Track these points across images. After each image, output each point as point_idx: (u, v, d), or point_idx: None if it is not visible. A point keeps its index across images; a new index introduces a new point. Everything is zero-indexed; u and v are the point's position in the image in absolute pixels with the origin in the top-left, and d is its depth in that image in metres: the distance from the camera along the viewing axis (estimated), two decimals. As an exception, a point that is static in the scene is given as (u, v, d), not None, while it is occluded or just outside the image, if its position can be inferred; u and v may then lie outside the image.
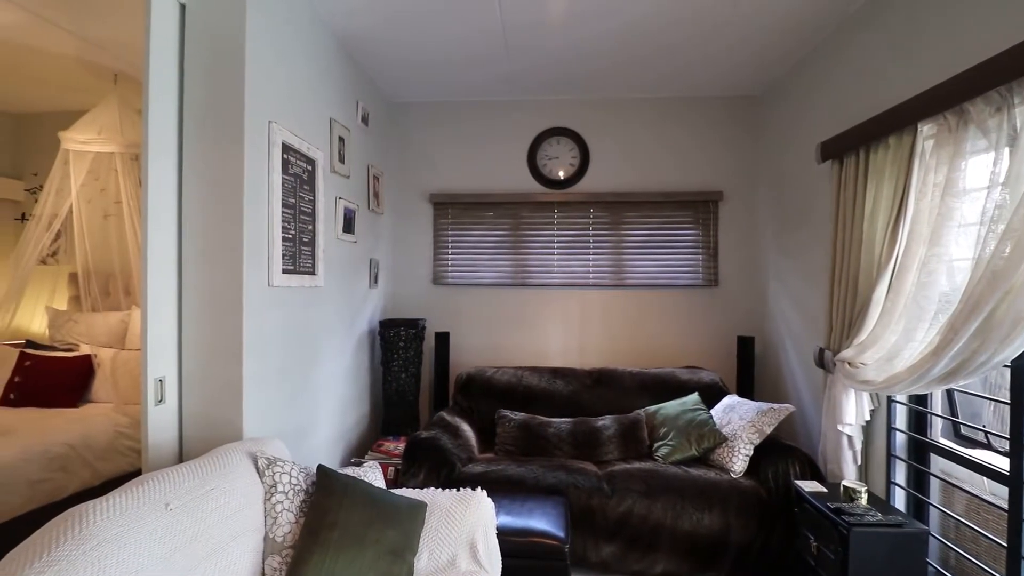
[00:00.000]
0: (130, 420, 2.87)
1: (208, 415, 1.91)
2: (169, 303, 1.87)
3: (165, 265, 1.86)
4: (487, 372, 3.19)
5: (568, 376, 3.16)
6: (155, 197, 1.81)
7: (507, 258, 3.62)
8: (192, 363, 1.91)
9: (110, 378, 3.11)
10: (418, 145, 3.69)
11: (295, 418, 2.30)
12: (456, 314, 3.64)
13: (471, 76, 3.25)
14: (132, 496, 1.20)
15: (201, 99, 1.92)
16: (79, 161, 3.24)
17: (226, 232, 1.90)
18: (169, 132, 1.87)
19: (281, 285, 2.13)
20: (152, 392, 1.79)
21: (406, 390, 3.25)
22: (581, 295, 3.57)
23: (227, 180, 1.90)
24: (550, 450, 2.75)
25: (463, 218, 3.65)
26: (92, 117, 3.24)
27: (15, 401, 2.97)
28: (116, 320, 3.49)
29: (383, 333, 3.22)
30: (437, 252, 3.68)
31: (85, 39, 2.84)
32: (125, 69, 3.25)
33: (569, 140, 3.59)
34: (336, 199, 2.73)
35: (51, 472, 2.38)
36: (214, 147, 1.91)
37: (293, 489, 1.56)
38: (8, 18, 2.61)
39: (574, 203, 3.57)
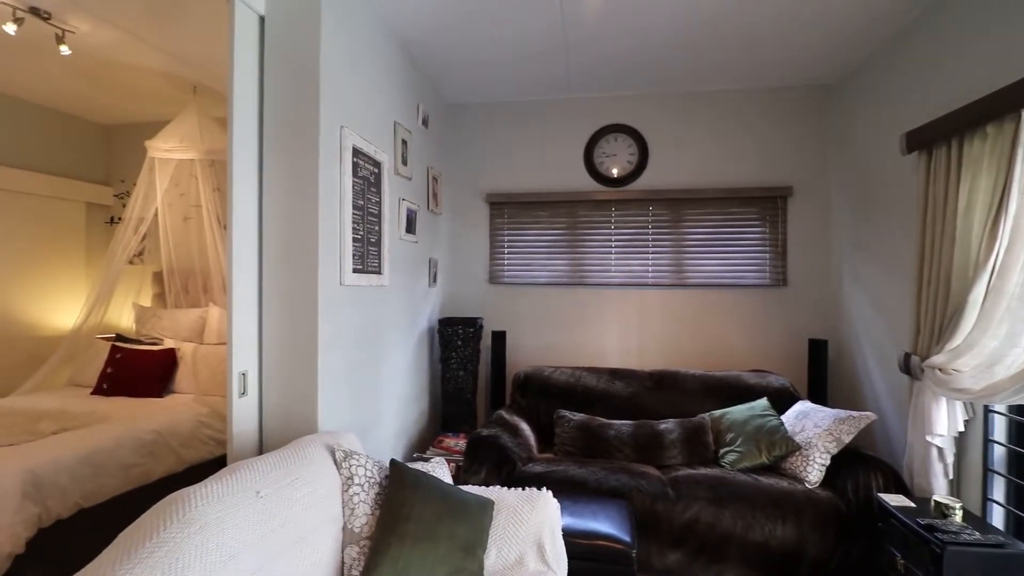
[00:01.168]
0: (210, 410, 3.04)
1: (285, 407, 2.00)
2: (251, 302, 1.98)
3: (247, 266, 1.96)
4: (544, 372, 3.18)
5: (627, 377, 3.10)
6: (239, 202, 1.91)
7: (563, 257, 3.60)
8: (271, 358, 2.01)
9: (191, 370, 3.32)
10: (475, 146, 3.73)
11: (362, 413, 2.38)
12: (512, 313, 3.65)
13: (529, 75, 3.25)
14: (226, 483, 1.27)
15: (279, 107, 2.01)
16: (163, 167, 3.47)
17: (302, 234, 1.98)
18: (250, 140, 1.97)
19: (351, 284, 2.21)
20: (236, 385, 1.89)
21: (463, 388, 3.29)
22: (640, 295, 3.50)
23: (303, 184, 1.98)
24: (610, 452, 2.71)
25: (519, 217, 3.66)
26: (174, 126, 3.47)
27: (108, 390, 3.22)
28: (195, 316, 3.72)
29: (442, 331, 3.27)
30: (493, 251, 3.70)
31: (170, 54, 3.04)
32: (203, 80, 3.45)
33: (627, 137, 3.53)
34: (399, 200, 2.80)
35: (141, 457, 2.56)
36: (291, 153, 1.99)
37: (368, 482, 1.61)
38: (106, 37, 2.83)
39: (632, 201, 3.50)
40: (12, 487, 2.03)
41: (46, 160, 3.94)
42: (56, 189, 3.95)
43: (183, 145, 3.40)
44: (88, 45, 2.88)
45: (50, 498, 2.14)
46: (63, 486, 2.20)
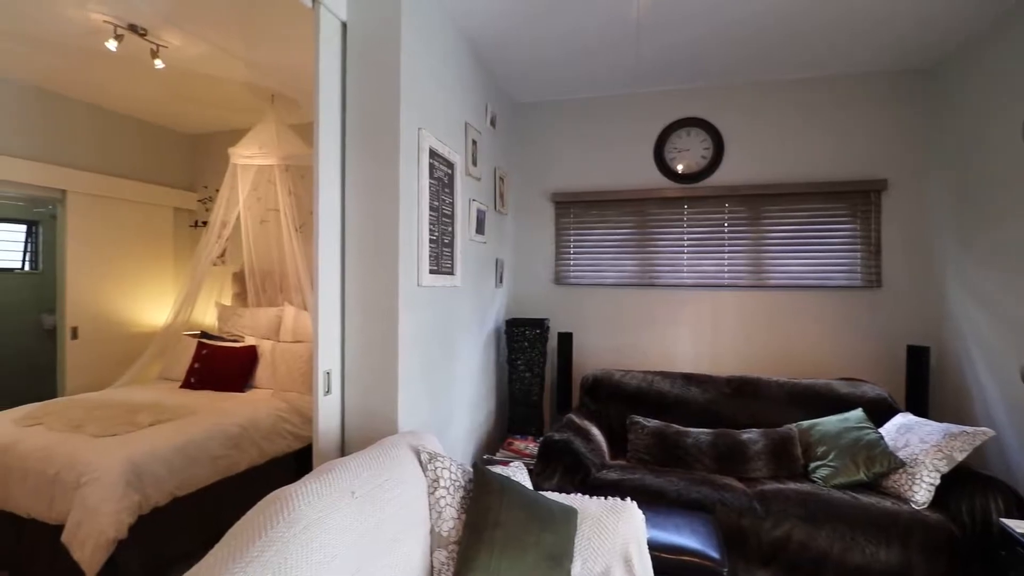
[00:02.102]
0: (288, 406, 3.16)
1: (366, 406, 2.03)
2: (334, 302, 2.01)
3: (331, 267, 2.00)
4: (615, 375, 3.09)
5: (704, 383, 2.96)
6: (324, 206, 1.95)
7: (632, 257, 3.48)
8: (353, 358, 2.04)
9: (270, 366, 3.46)
10: (540, 145, 3.68)
11: (437, 413, 2.38)
12: (578, 314, 3.58)
13: (597, 70, 3.17)
14: (323, 483, 1.28)
15: (361, 111, 2.04)
16: (244, 173, 3.64)
17: (383, 235, 2.00)
18: (334, 144, 2.01)
19: (428, 285, 2.21)
20: (321, 384, 1.93)
21: (530, 390, 3.25)
22: (714, 296, 3.34)
23: (384, 186, 2.00)
24: (688, 462, 2.59)
25: (585, 217, 3.58)
26: (254, 134, 3.62)
27: (195, 384, 3.41)
28: (272, 315, 3.88)
29: (509, 332, 3.25)
30: (559, 251, 3.64)
31: (251, 64, 3.17)
32: (281, 89, 3.59)
33: (701, 131, 3.37)
34: (470, 201, 2.79)
35: (228, 449, 2.68)
36: (372, 155, 2.02)
37: (453, 485, 1.59)
38: (195, 50, 2.99)
39: (707, 198, 3.34)
40: (116, 476, 2.16)
41: (138, 168, 4.23)
42: (148, 195, 4.23)
43: (262, 151, 3.55)
44: (178, 59, 3.05)
45: (149, 486, 2.27)
46: (160, 475, 2.33)
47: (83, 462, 2.19)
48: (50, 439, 2.38)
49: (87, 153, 3.84)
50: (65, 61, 3.15)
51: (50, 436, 2.42)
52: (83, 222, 3.78)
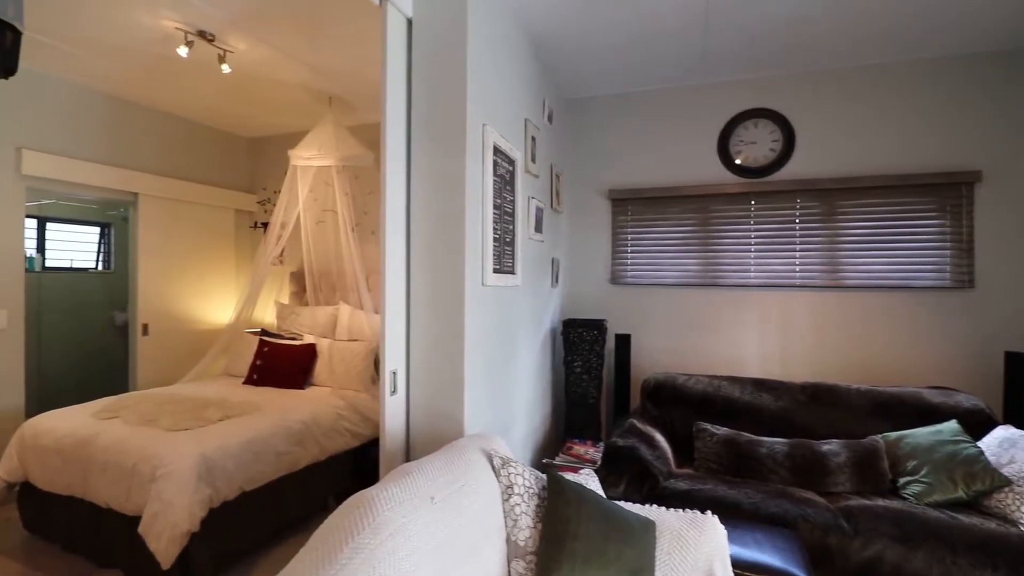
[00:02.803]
0: (346, 403, 3.19)
1: (431, 406, 2.00)
2: (400, 302, 1.99)
3: (397, 267, 1.98)
4: (678, 379, 2.96)
5: (776, 389, 2.80)
6: (391, 205, 1.93)
7: (694, 256, 3.34)
8: (418, 358, 2.02)
9: (328, 364, 3.51)
10: (596, 140, 3.58)
11: (499, 414, 2.33)
12: (636, 315, 3.47)
13: (659, 61, 3.05)
14: (403, 487, 1.24)
15: (427, 107, 2.01)
16: (304, 175, 3.71)
17: (449, 234, 1.96)
18: (400, 142, 1.99)
19: (492, 285, 2.16)
20: (388, 384, 1.91)
21: (587, 392, 3.16)
22: (784, 297, 3.15)
23: (450, 184, 1.96)
24: (762, 473, 2.44)
25: (644, 214, 3.46)
26: (312, 136, 3.69)
27: (257, 381, 3.49)
28: (328, 314, 3.94)
29: (565, 333, 3.17)
30: (615, 250, 3.53)
31: (311, 67, 3.22)
32: (338, 92, 3.64)
33: (769, 122, 3.20)
34: (529, 199, 2.74)
35: (291, 446, 2.72)
36: (438, 153, 1.98)
37: (528, 492, 1.53)
38: (259, 54, 3.05)
39: (776, 192, 3.17)
40: (189, 469, 2.21)
41: (202, 172, 4.39)
42: (211, 198, 4.38)
43: (321, 153, 3.60)
44: (243, 63, 3.12)
45: (219, 480, 2.32)
46: (229, 470, 2.38)
47: (158, 455, 2.25)
48: (126, 432, 2.47)
49: (156, 157, 4.01)
50: (137, 69, 3.28)
51: (126, 429, 2.51)
52: (152, 224, 3.94)
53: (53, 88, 3.37)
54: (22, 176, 3.20)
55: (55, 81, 3.38)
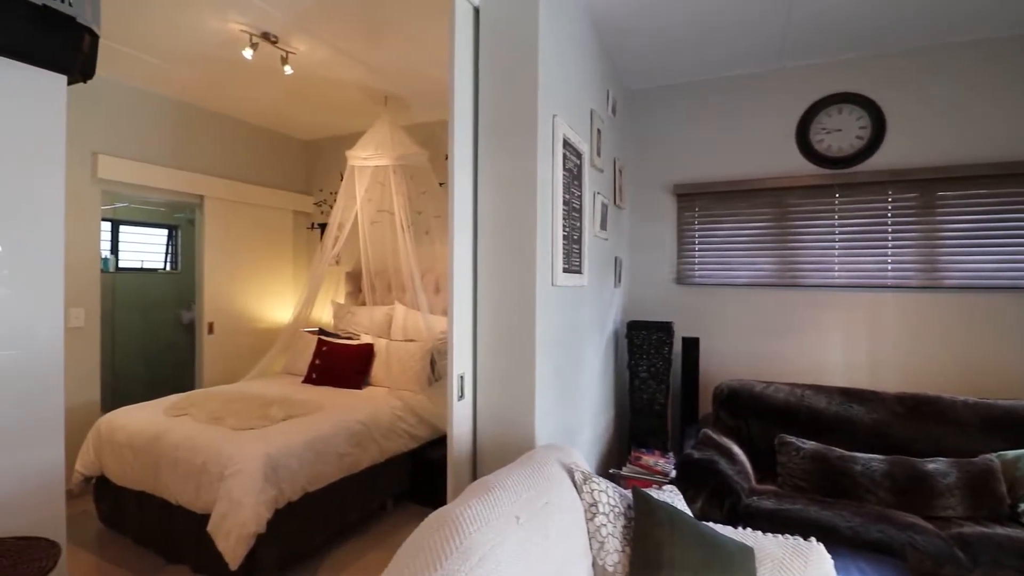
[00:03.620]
0: (403, 404, 3.14)
1: (499, 412, 1.90)
2: (466, 303, 1.90)
3: (463, 267, 1.89)
4: (755, 387, 2.75)
5: (868, 400, 2.55)
6: (458, 203, 1.83)
7: (769, 254, 3.11)
8: (486, 361, 1.92)
9: (385, 364, 3.49)
10: (660, 133, 3.40)
11: (566, 421, 2.21)
12: (704, 317, 3.26)
13: (732, 47, 2.85)
14: (487, 505, 1.14)
15: (495, 98, 1.91)
16: (361, 175, 3.70)
17: (519, 232, 1.86)
18: (466, 137, 1.89)
19: (561, 284, 2.05)
20: (456, 388, 1.82)
21: (653, 399, 2.99)
22: (873, 298, 2.88)
23: (520, 179, 1.85)
24: (857, 493, 2.21)
25: (713, 209, 3.25)
26: (369, 136, 3.68)
27: (316, 380, 3.51)
28: (383, 313, 3.93)
29: (630, 336, 3.01)
30: (681, 248, 3.34)
31: (369, 66, 3.20)
32: (394, 90, 3.61)
33: (855, 107, 2.93)
34: (595, 194, 2.60)
35: (351, 447, 2.69)
36: (507, 146, 1.88)
37: (613, 511, 1.40)
38: (319, 55, 3.05)
39: (864, 184, 2.90)
40: (256, 469, 2.21)
41: (263, 174, 4.48)
42: (271, 200, 4.47)
43: (378, 153, 3.58)
44: (304, 64, 3.13)
45: (284, 481, 2.31)
46: (293, 470, 2.36)
47: (226, 455, 2.26)
48: (195, 429, 2.50)
49: (220, 161, 4.11)
50: (204, 74, 3.35)
51: (195, 427, 2.54)
52: (217, 225, 4.04)
53: (125, 95, 3.49)
54: (97, 180, 3.33)
55: (127, 88, 3.50)
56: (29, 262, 1.76)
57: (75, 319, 3.21)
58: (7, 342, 1.69)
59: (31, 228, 1.76)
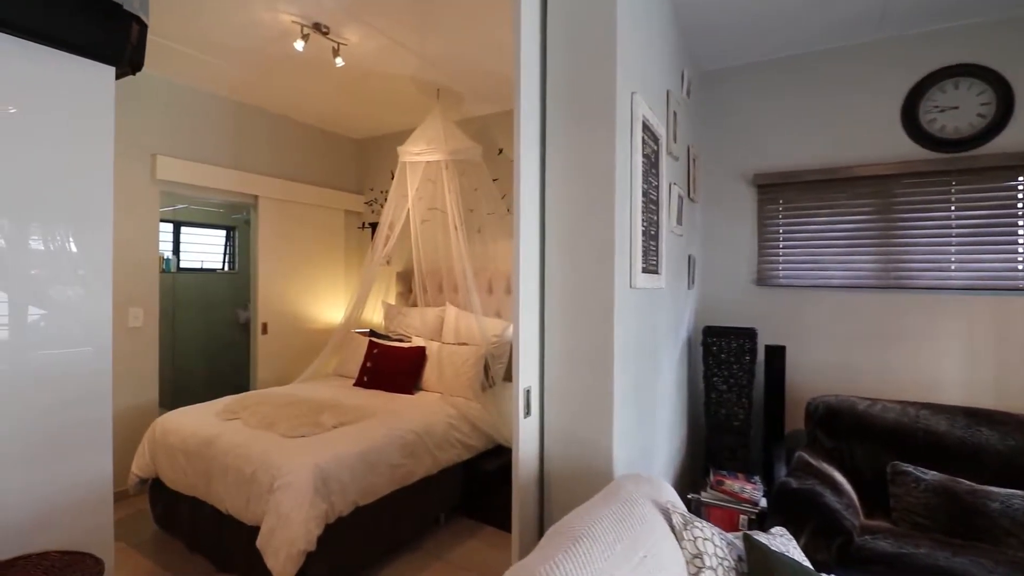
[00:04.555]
0: (457, 412, 2.97)
1: (571, 432, 1.67)
2: (533, 307, 1.69)
3: (530, 267, 1.67)
4: (858, 404, 2.40)
5: (1001, 423, 2.15)
6: (525, 196, 1.62)
7: (869, 251, 2.73)
8: (554, 373, 1.70)
9: (436, 369, 3.33)
10: (738, 118, 3.07)
11: (643, 441, 1.96)
12: (788, 323, 2.91)
13: (823, 18, 2.50)
14: (576, 562, 0.92)
15: (566, 74, 1.69)
16: (413, 171, 3.56)
17: (594, 226, 1.62)
18: (532, 119, 1.67)
19: (640, 287, 1.80)
20: (522, 403, 1.61)
21: (732, 414, 2.68)
22: (1001, 303, 2.46)
23: (596, 167, 1.62)
24: (994, 534, 1.84)
25: (800, 202, 2.90)
26: (421, 131, 3.53)
27: (367, 383, 3.39)
28: (434, 315, 3.78)
29: (707, 343, 2.71)
30: (763, 245, 3.00)
31: (421, 56, 3.04)
32: (446, 83, 3.45)
33: (975, 80, 2.52)
34: (671, 185, 2.33)
35: (404, 458, 2.54)
36: (581, 129, 1.65)
37: (722, 566, 1.15)
38: (372, 45, 2.92)
39: (987, 169, 2.48)
40: (306, 482, 2.08)
41: (315, 173, 4.43)
42: (323, 199, 4.42)
43: (430, 148, 3.43)
44: (356, 56, 3.01)
45: (335, 494, 2.17)
46: (344, 482, 2.22)
47: (276, 465, 2.14)
48: (246, 436, 2.41)
49: (273, 161, 4.09)
50: (256, 71, 3.30)
51: (246, 432, 2.45)
52: (271, 225, 4.01)
53: (180, 95, 3.49)
54: (156, 181, 3.33)
55: (182, 88, 3.50)
56: (80, 261, 1.68)
57: (134, 319, 3.23)
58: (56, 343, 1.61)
59: (80, 226, 1.67)
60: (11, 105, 1.51)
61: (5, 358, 1.52)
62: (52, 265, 1.61)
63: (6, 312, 1.52)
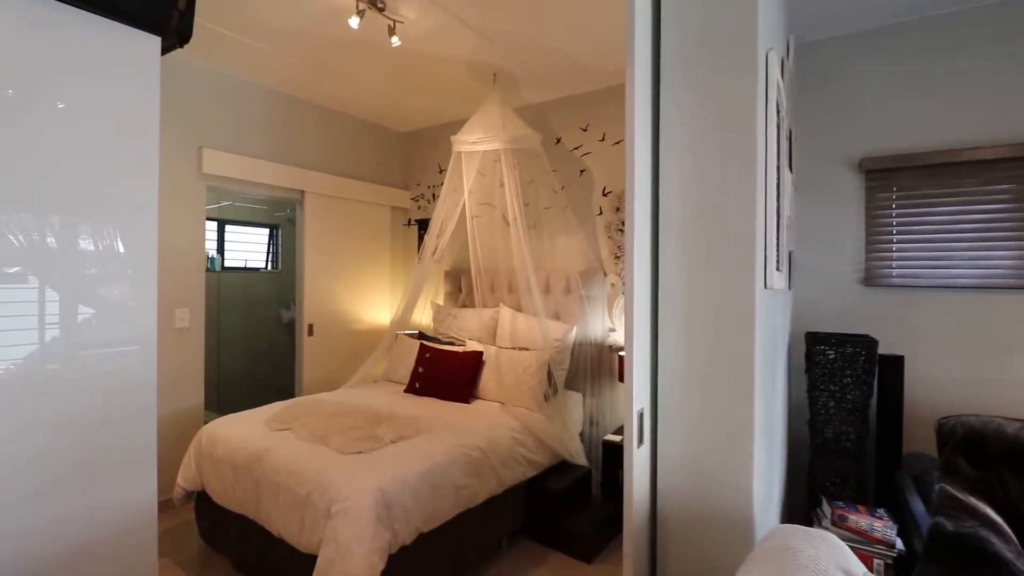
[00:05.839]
0: (521, 425, 2.71)
1: (693, 464, 1.38)
2: (644, 313, 1.39)
3: (641, 265, 1.38)
4: (1006, 427, 2.01)
5: None
6: (639, 182, 1.33)
7: (1004, 246, 2.33)
8: (671, 393, 1.40)
9: (495, 376, 3.07)
10: (840, 94, 2.70)
11: (767, 471, 1.64)
12: (902, 329, 2.53)
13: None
14: None
15: (690, 22, 1.38)
16: (469, 161, 3.31)
17: (728, 212, 1.32)
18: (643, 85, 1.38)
19: (774, 287, 1.48)
20: (635, 428, 1.32)
21: (843, 435, 2.32)
22: None
23: (731, 136, 1.32)
24: None
25: (919, 189, 2.51)
26: (477, 119, 3.28)
27: (419, 390, 3.16)
28: (487, 317, 3.52)
29: (811, 352, 2.36)
30: (871, 240, 2.62)
31: (480, 33, 2.79)
32: (505, 65, 3.19)
33: None
34: (782, 167, 1.99)
35: (469, 477, 2.28)
36: (711, 90, 1.35)
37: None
38: (429, 23, 2.68)
39: None
40: (367, 508, 1.84)
41: (361, 168, 4.24)
42: (369, 195, 4.22)
43: (487, 136, 3.17)
44: (412, 35, 2.78)
45: (397, 521, 1.93)
46: (408, 507, 1.98)
47: (334, 487, 1.91)
48: (298, 450, 2.20)
49: (320, 154, 3.91)
50: (305, 57, 3.11)
51: (298, 447, 2.24)
52: (317, 222, 3.83)
53: (228, 86, 3.33)
54: (203, 175, 3.18)
55: (229, 79, 3.34)
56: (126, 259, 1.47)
57: (180, 320, 3.08)
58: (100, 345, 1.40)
59: (123, 220, 1.46)
60: (58, 100, 1.32)
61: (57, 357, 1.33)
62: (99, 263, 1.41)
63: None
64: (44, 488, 1.30)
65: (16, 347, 1.26)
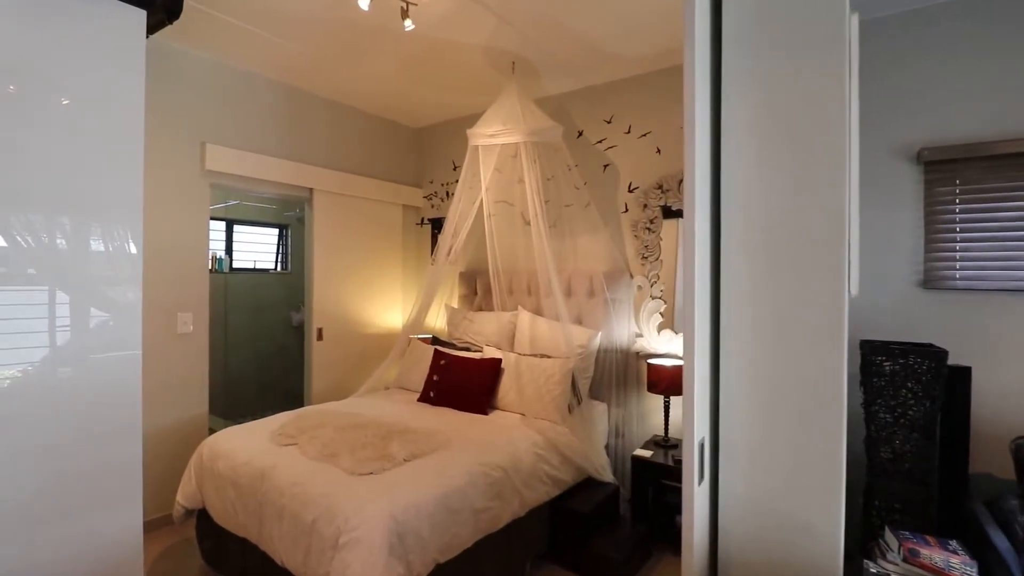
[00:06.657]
0: (544, 440, 2.51)
1: (764, 505, 1.17)
2: (704, 327, 1.18)
3: (700, 269, 1.17)
4: (1102, 451, 1.77)
5: None
6: (699, 174, 1.12)
7: (1090, 246, 2.09)
8: (736, 419, 1.20)
9: (514, 385, 2.87)
10: (894, 78, 2.45)
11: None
12: (967, 337, 2.28)
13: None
14: None
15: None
16: (486, 155, 3.11)
17: (809, 208, 1.11)
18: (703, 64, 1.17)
19: (855, 294, 1.26)
20: (696, 462, 1.11)
21: (904, 455, 2.09)
22: None
23: (814, 119, 1.10)
24: None
25: (986, 182, 2.27)
26: (494, 110, 3.08)
27: (434, 399, 2.97)
28: (505, 321, 3.33)
29: (867, 362, 2.13)
30: (931, 239, 2.38)
31: (500, 16, 2.59)
32: (523, 52, 2.99)
33: None
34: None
35: (490, 500, 2.09)
36: (788, 65, 1.14)
37: None
38: (445, 5, 2.48)
39: None
40: (380, 539, 1.65)
41: (371, 165, 4.06)
42: (381, 193, 4.04)
43: (506, 128, 2.97)
44: (425, 18, 2.58)
45: (412, 552, 1.74)
46: (423, 536, 1.79)
47: (342, 514, 1.73)
48: (304, 469, 2.02)
49: (328, 151, 3.74)
50: (312, 46, 2.93)
51: (304, 465, 2.06)
52: (326, 221, 3.66)
53: (232, 78, 3.17)
54: (206, 172, 3.01)
55: (234, 71, 3.17)
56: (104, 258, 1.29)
57: (183, 325, 2.92)
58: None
59: (101, 215, 1.28)
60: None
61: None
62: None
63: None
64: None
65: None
